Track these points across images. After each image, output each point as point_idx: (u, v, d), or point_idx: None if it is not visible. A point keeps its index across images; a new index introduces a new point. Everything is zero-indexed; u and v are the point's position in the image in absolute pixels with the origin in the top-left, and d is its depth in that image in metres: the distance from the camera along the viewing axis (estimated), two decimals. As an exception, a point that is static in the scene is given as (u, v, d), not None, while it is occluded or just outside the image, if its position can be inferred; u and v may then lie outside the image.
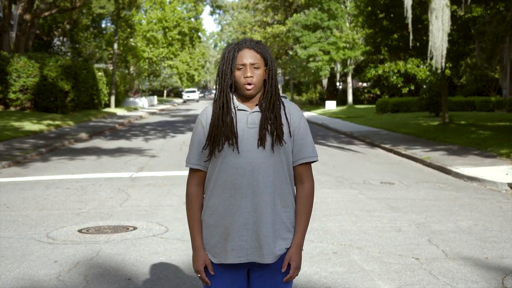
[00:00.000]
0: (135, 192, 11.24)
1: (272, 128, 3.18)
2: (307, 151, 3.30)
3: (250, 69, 3.19)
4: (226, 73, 3.22)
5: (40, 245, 7.51)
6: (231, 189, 3.19)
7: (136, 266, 6.58)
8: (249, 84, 3.19)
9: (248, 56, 3.20)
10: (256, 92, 3.24)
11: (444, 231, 8.14)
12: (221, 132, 3.18)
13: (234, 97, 3.27)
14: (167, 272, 6.37)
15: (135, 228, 8.35)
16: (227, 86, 3.22)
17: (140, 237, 7.88)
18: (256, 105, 3.26)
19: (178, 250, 7.16)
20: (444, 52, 21.81)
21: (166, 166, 15.15)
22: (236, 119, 3.21)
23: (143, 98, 60.23)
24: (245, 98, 3.26)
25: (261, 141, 3.17)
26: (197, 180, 3.32)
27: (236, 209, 3.18)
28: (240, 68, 3.20)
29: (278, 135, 3.18)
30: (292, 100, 72.50)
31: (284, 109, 3.27)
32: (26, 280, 6.13)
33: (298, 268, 3.26)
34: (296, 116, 3.30)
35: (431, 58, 22.37)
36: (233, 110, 3.23)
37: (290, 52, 63.29)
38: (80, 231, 8.23)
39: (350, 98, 53.64)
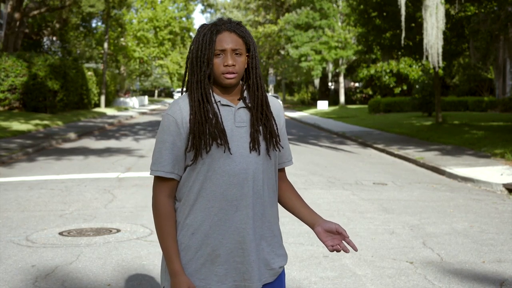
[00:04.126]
0: (121, 193, 10.92)
1: (265, 130, 2.72)
2: (289, 154, 2.93)
3: (231, 56, 2.66)
4: (203, 60, 2.66)
5: (19, 248, 7.19)
6: (221, 202, 2.65)
7: (117, 271, 6.27)
8: (230, 73, 2.66)
9: (228, 41, 2.66)
10: (237, 82, 2.71)
11: (439, 234, 7.87)
12: (206, 130, 2.63)
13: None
14: (149, 277, 6.07)
15: (118, 231, 8.03)
16: (205, 76, 2.67)
17: (123, 240, 7.57)
18: (239, 99, 2.75)
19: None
20: (440, 50, 21.54)
21: (154, 166, 14.80)
22: (220, 115, 2.68)
23: (134, 98, 59.91)
24: (223, 90, 2.73)
25: (253, 144, 2.68)
26: (168, 191, 2.72)
27: (229, 225, 2.66)
28: (219, 55, 2.66)
29: (273, 139, 2.74)
30: (284, 100, 72.39)
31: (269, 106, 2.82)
32: (0, 286, 5.81)
33: (340, 227, 2.80)
34: (282, 114, 2.89)
35: (427, 57, 22.10)
36: (215, 103, 2.70)
37: (282, 52, 63.12)
38: (61, 233, 7.91)
39: (342, 98, 53.48)
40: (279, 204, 2.93)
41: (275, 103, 2.86)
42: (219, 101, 2.71)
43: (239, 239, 2.67)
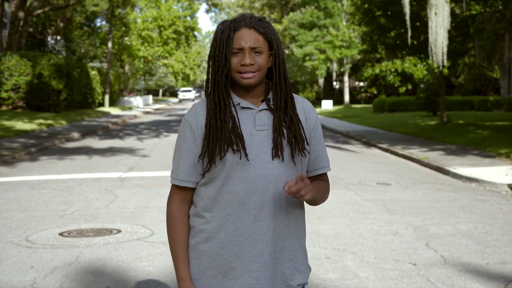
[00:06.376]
0: (122, 193, 10.85)
1: (289, 133, 2.52)
2: (325, 159, 2.68)
3: (249, 54, 2.47)
4: (220, 59, 2.48)
5: (18, 249, 7.13)
6: (238, 210, 2.49)
7: (116, 272, 6.20)
8: (248, 72, 2.47)
9: (247, 38, 2.47)
10: (257, 82, 2.51)
11: (443, 235, 7.77)
12: (222, 135, 2.47)
13: (231, 91, 2.57)
14: (148, 278, 5.99)
15: (119, 231, 7.96)
16: (222, 77, 2.49)
17: (124, 240, 7.50)
18: (262, 101, 2.56)
19: (162, 255, 6.77)
20: (445, 49, 21.42)
21: (157, 166, 14.76)
22: (238, 118, 2.51)
23: (138, 97, 59.82)
24: (244, 92, 2.54)
25: (276, 150, 2.48)
26: (182, 197, 2.60)
27: (246, 236, 2.49)
28: (237, 53, 2.48)
29: (298, 144, 2.53)
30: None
31: (296, 107, 2.60)
32: (-2, 288, 5.76)
33: (307, 186, 2.39)
34: (312, 115, 2.64)
35: (432, 56, 21.96)
36: (233, 107, 2.53)
37: (286, 51, 63.03)
38: (61, 234, 7.85)
39: (346, 98, 53.35)
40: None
41: (305, 104, 2.66)
42: (239, 104, 2.54)
43: (256, 252, 2.50)
